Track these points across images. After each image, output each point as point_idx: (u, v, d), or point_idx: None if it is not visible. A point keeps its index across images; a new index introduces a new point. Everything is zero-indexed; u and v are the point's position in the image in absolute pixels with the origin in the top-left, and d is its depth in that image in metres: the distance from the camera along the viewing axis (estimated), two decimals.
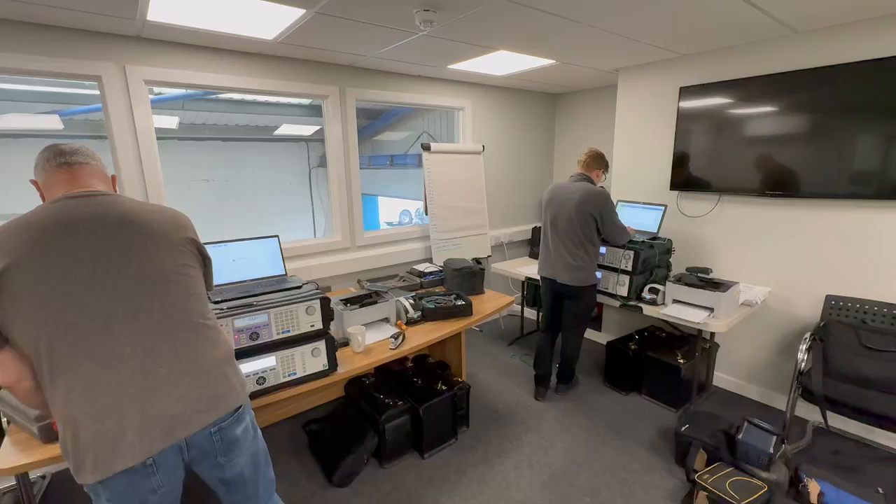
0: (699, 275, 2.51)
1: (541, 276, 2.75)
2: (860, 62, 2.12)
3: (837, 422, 2.24)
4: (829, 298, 2.38)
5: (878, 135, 2.12)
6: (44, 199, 1.13)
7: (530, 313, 4.08)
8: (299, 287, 1.90)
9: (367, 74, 3.02)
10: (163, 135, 2.39)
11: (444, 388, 2.34)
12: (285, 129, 5.64)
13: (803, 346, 2.20)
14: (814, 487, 1.79)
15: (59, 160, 1.11)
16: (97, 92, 2.16)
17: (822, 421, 2.08)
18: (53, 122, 3.70)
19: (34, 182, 1.14)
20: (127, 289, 1.02)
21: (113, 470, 0.96)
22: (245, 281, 2.10)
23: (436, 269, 2.95)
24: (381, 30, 2.17)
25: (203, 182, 5.05)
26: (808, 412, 2.38)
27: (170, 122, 4.42)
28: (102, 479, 0.96)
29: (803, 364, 2.18)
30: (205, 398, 1.08)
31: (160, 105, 4.00)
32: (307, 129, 5.67)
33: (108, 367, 0.98)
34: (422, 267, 3.02)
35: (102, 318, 0.98)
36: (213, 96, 4.42)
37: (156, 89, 3.39)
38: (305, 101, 4.37)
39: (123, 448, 0.97)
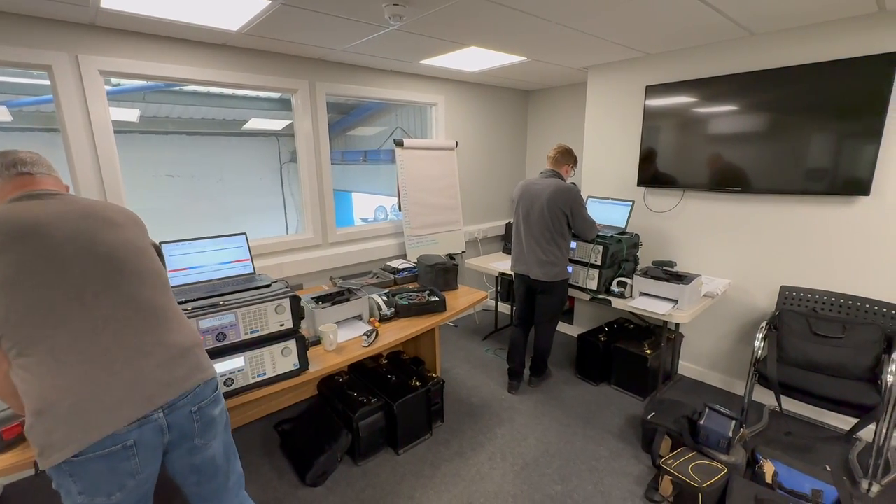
0: (664, 268, 2.60)
1: (514, 273, 2.79)
2: (812, 64, 2.23)
3: (791, 405, 2.38)
4: (783, 289, 2.51)
5: (829, 134, 2.24)
6: None
7: (504, 308, 4.13)
8: (268, 286, 1.86)
9: (337, 68, 2.97)
10: (122, 128, 2.30)
11: (418, 383, 2.35)
12: (254, 124, 5.48)
13: (759, 335, 2.31)
14: (769, 468, 1.90)
15: (20, 168, 1.12)
16: (48, 82, 2.04)
17: (777, 405, 2.19)
18: (1, 114, 3.49)
19: None
20: (97, 268, 1.04)
21: (88, 440, 0.93)
22: (211, 280, 2.04)
23: (409, 266, 2.95)
24: (350, 23, 2.14)
25: (167, 178, 4.86)
26: (765, 397, 2.51)
27: (130, 114, 4.22)
28: (78, 450, 0.93)
29: (759, 352, 2.29)
30: (181, 366, 1.10)
31: (119, 96, 3.81)
32: (277, 124, 5.53)
33: (80, 337, 0.98)
34: (395, 263, 3.01)
35: (74, 292, 1.00)
36: (177, 88, 4.25)
37: (113, 80, 3.24)
38: (275, 95, 4.27)
39: (101, 415, 0.96)
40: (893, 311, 2.18)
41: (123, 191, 2.27)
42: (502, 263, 3.35)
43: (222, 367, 1.54)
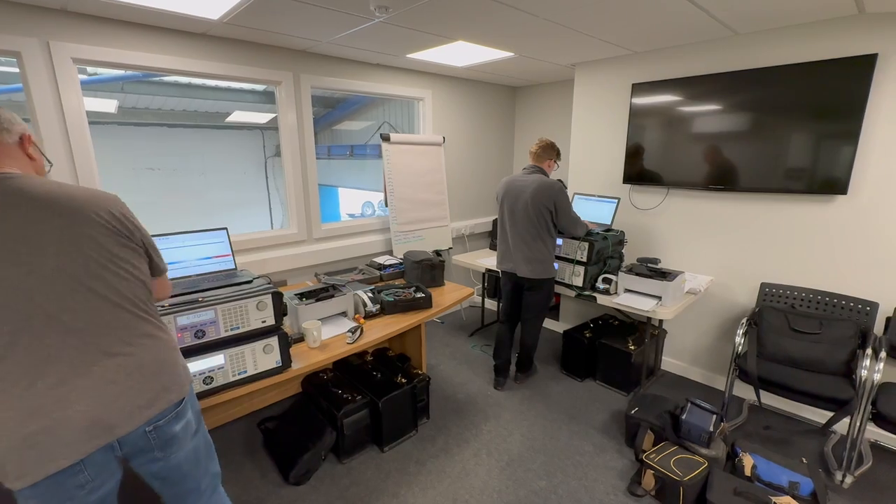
0: (648, 265, 2.62)
1: (500, 270, 2.79)
2: (793, 65, 2.26)
3: (769, 399, 2.43)
4: (763, 286, 2.56)
5: (809, 134, 2.28)
6: None
7: (491, 304, 4.14)
8: (249, 282, 1.82)
9: (322, 60, 2.92)
10: (99, 119, 2.22)
11: (403, 380, 2.34)
12: (238, 117, 5.37)
13: (740, 331, 2.36)
14: (748, 461, 1.93)
15: None
16: (18, 70, 1.96)
17: (756, 399, 2.24)
18: None
19: None
20: (45, 289, 0.94)
21: (41, 475, 0.91)
22: (190, 276, 1.99)
23: (396, 262, 2.92)
24: (334, 14, 2.09)
25: (147, 171, 4.74)
26: (745, 391, 2.56)
27: (107, 105, 4.09)
28: (30, 484, 0.91)
29: (740, 347, 2.33)
30: (145, 392, 1.03)
31: (95, 86, 3.69)
32: (262, 117, 5.43)
33: (31, 369, 0.91)
34: (381, 259, 2.99)
35: (20, 320, 0.91)
36: (157, 79, 4.13)
37: (89, 69, 3.13)
38: (259, 87, 4.17)
39: (56, 449, 0.92)
40: (868, 308, 2.23)
41: (100, 184, 2.20)
42: (489, 260, 3.35)
43: (201, 364, 1.51)
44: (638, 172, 2.98)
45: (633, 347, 2.73)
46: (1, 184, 0.95)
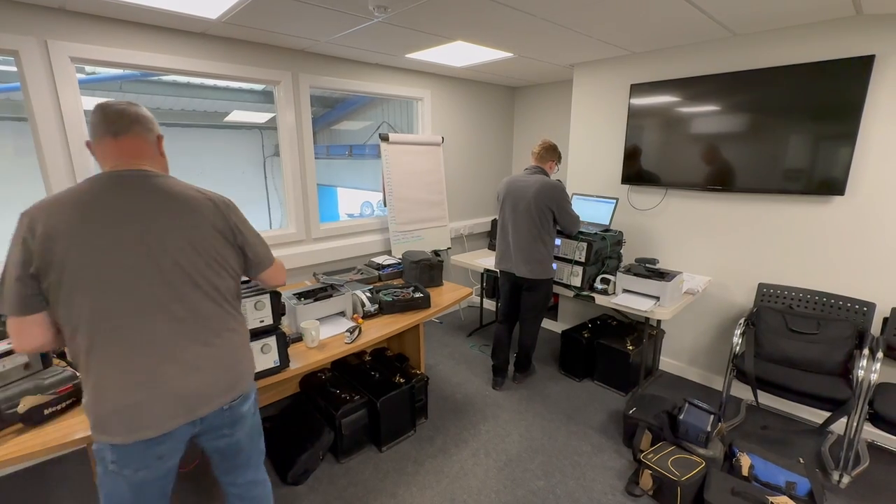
0: (646, 265, 2.63)
1: (499, 270, 2.79)
2: (791, 66, 2.27)
3: (767, 399, 2.43)
4: (761, 286, 2.57)
5: (807, 135, 2.29)
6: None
7: (489, 304, 4.14)
8: (247, 281, 1.81)
9: (321, 60, 2.92)
10: None
11: (402, 380, 2.34)
12: (237, 116, 5.37)
13: (738, 331, 2.36)
14: (745, 461, 1.94)
15: (105, 128, 1.07)
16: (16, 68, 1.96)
17: (754, 399, 2.24)
18: None
19: (87, 143, 1.11)
20: (163, 281, 1.06)
21: (133, 439, 1.03)
22: None
23: (394, 262, 2.92)
24: (333, 14, 2.09)
25: None
26: (742, 392, 2.56)
27: None
28: (122, 443, 1.03)
29: (738, 347, 2.34)
30: (223, 382, 1.17)
31: (93, 85, 3.69)
32: (261, 117, 5.42)
33: (139, 349, 1.04)
34: (380, 259, 2.98)
35: (140, 304, 1.04)
36: (155, 78, 4.12)
37: (87, 68, 3.13)
38: (258, 87, 4.18)
39: (147, 421, 1.04)
40: (865, 308, 2.24)
41: None
42: (488, 260, 3.35)
43: None
44: (636, 173, 2.98)
45: (631, 348, 2.73)
46: (145, 181, 1.08)
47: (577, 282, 2.73)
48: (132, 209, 1.04)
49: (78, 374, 1.36)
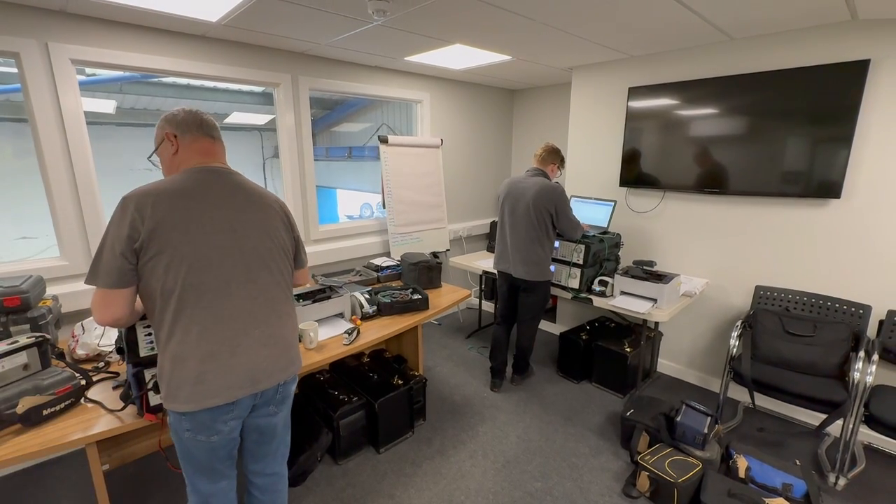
0: (644, 267, 2.64)
1: (497, 271, 2.79)
2: (788, 70, 2.29)
3: (763, 401, 2.44)
4: (758, 289, 2.58)
5: (803, 138, 2.30)
6: (173, 149, 1.23)
7: (488, 306, 4.15)
8: None
9: (320, 63, 2.93)
10: (97, 120, 2.22)
11: (400, 382, 2.34)
12: (236, 118, 5.38)
13: (735, 333, 2.37)
14: (742, 463, 1.94)
15: (203, 131, 1.24)
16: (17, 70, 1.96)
17: (751, 401, 2.25)
18: None
19: (168, 134, 1.22)
20: (246, 259, 1.20)
21: (203, 406, 1.13)
22: None
23: (393, 264, 2.93)
24: (333, 17, 2.11)
25: (146, 171, 4.72)
26: (739, 394, 2.57)
27: (106, 105, 4.09)
28: (192, 410, 1.13)
29: (735, 350, 2.35)
30: (283, 359, 1.28)
31: (93, 87, 3.69)
32: (260, 118, 5.44)
33: (219, 321, 1.15)
34: (379, 261, 2.99)
35: (224, 280, 1.16)
36: (156, 80, 4.13)
37: (88, 69, 3.13)
38: (257, 89, 4.18)
39: (217, 389, 1.14)
40: (861, 311, 2.25)
41: (97, 184, 2.20)
42: (486, 262, 3.35)
43: None
44: (634, 175, 3.00)
45: (628, 350, 2.74)
46: (228, 177, 1.23)
47: (575, 284, 2.74)
48: (223, 198, 1.19)
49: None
